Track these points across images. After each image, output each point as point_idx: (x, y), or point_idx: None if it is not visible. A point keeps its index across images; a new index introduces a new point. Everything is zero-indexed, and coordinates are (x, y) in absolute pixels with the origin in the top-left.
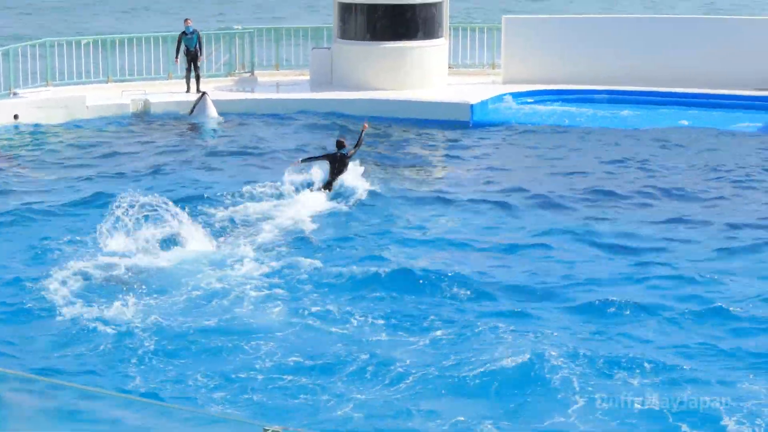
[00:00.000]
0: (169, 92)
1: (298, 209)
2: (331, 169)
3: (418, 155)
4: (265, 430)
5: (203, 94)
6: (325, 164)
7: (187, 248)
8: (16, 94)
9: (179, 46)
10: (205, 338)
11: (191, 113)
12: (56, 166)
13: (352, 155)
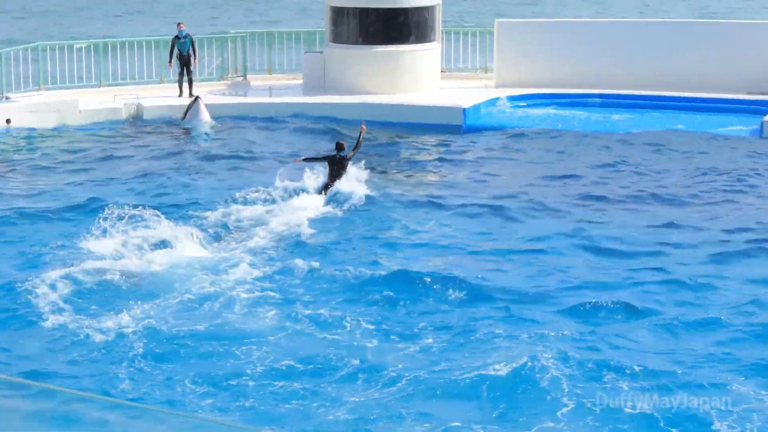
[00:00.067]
0: (161, 96)
1: (294, 213)
2: (329, 171)
3: (410, 159)
4: None
5: (196, 98)
6: (322, 167)
7: (179, 253)
8: (8, 98)
9: (172, 50)
10: (196, 343)
11: (184, 118)
12: (48, 170)
13: (351, 157)
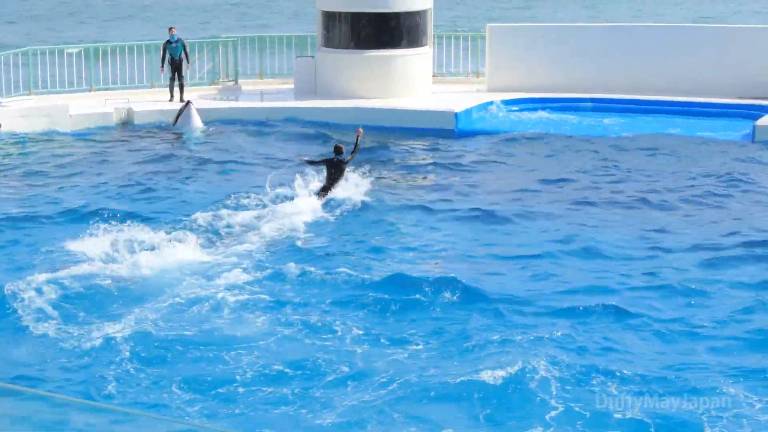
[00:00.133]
0: (152, 101)
1: (289, 216)
2: (327, 174)
3: (403, 164)
4: None
5: (188, 103)
6: (316, 170)
7: (170, 257)
8: None
9: (164, 54)
10: (186, 348)
11: (175, 123)
12: (38, 175)
13: (348, 161)
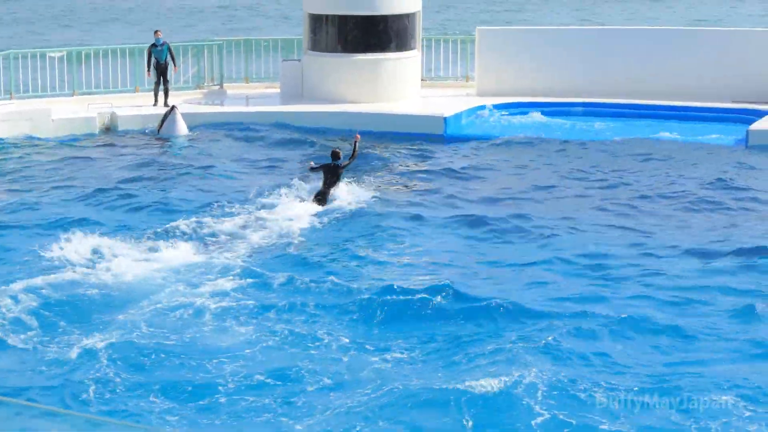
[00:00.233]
0: (136, 105)
1: (280, 222)
2: (324, 179)
3: (391, 170)
4: None
5: (172, 108)
6: (308, 174)
7: (153, 265)
8: None
9: (149, 58)
10: (167, 356)
11: (160, 129)
12: (19, 180)
13: (346, 166)
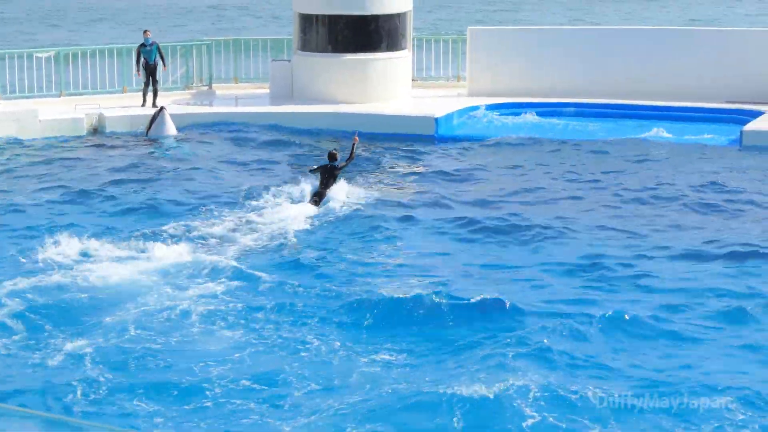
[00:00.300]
0: (124, 106)
1: (268, 224)
2: (320, 179)
3: (381, 171)
4: None
5: (161, 109)
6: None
7: (140, 267)
8: None
9: (138, 58)
10: (154, 360)
11: (149, 130)
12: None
13: (343, 167)
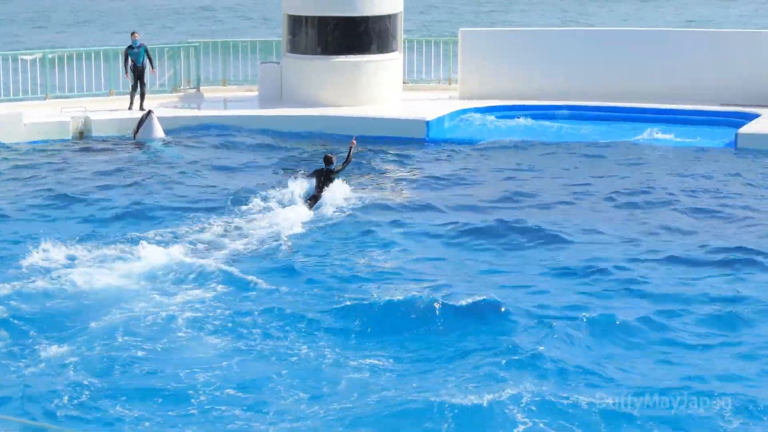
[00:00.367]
0: (111, 110)
1: (257, 229)
2: (317, 183)
3: (372, 175)
4: None
5: (149, 112)
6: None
7: (126, 273)
8: None
9: (126, 60)
10: (140, 366)
11: (136, 134)
12: None
13: (338, 171)
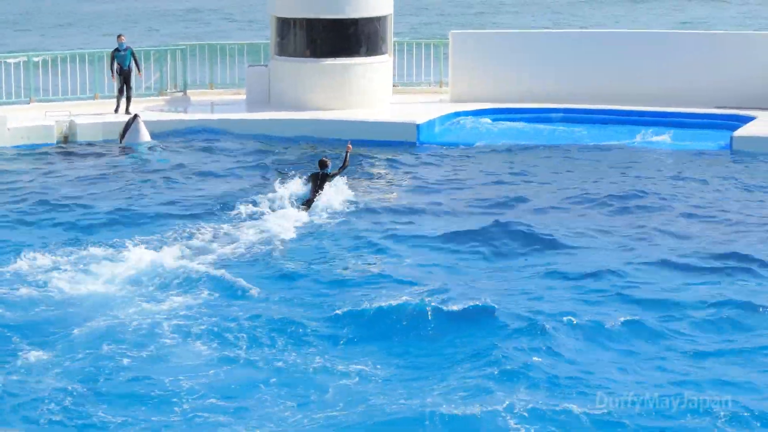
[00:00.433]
0: (96, 113)
1: (244, 234)
2: (312, 187)
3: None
4: None
5: (135, 116)
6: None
7: (113, 278)
8: None
9: (113, 63)
10: (124, 373)
11: (122, 138)
12: None
13: (334, 175)
